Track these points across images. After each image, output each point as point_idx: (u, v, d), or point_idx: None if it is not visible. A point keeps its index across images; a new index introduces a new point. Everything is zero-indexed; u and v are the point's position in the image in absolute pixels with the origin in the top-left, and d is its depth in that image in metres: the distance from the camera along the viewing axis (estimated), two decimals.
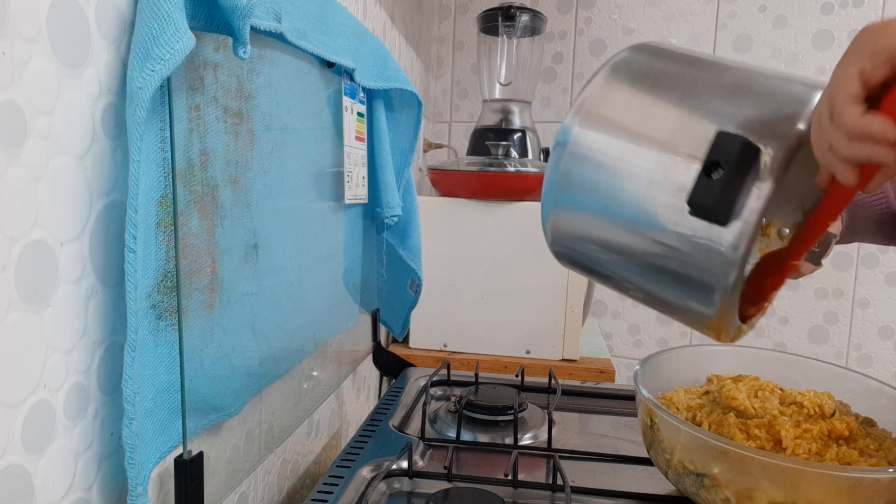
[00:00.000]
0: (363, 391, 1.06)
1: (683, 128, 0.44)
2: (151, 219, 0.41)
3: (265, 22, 0.50)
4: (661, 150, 0.44)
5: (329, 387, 0.82)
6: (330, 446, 0.89)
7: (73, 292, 0.37)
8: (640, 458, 0.64)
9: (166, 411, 0.44)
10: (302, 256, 0.68)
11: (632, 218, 0.45)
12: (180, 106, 0.44)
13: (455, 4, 1.62)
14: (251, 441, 0.60)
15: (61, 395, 0.37)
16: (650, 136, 0.45)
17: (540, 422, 0.74)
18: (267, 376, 0.62)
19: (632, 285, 0.49)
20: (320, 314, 0.75)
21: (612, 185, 0.45)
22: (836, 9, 1.43)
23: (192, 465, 0.46)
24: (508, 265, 1.09)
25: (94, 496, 0.40)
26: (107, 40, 0.38)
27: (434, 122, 1.66)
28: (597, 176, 0.46)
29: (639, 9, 1.53)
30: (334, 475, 0.59)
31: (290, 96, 0.62)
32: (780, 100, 0.43)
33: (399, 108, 0.92)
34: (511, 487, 0.58)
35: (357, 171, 0.81)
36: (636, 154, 0.45)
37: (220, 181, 0.50)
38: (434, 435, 0.71)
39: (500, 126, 1.26)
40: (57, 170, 0.35)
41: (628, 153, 0.45)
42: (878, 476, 0.46)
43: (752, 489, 0.48)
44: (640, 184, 0.44)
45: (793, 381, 0.63)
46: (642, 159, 0.44)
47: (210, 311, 0.50)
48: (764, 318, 1.53)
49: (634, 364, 1.59)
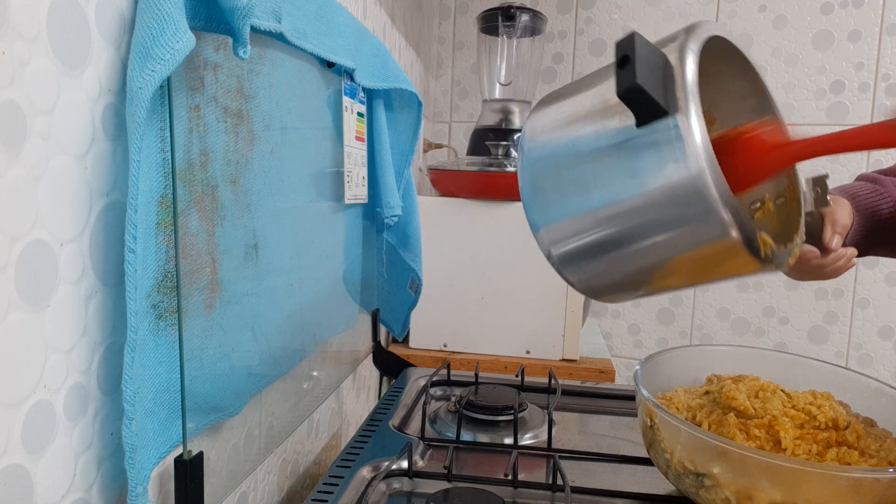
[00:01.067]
0: (363, 391, 1.06)
1: (599, 94, 0.47)
2: (151, 219, 0.41)
3: (265, 22, 0.50)
4: (593, 117, 0.46)
5: (329, 387, 0.82)
6: (330, 446, 0.89)
7: (73, 292, 0.37)
8: (640, 458, 0.64)
9: (166, 411, 0.44)
10: (302, 256, 0.68)
11: (602, 175, 0.45)
12: (180, 106, 0.44)
13: (455, 4, 1.62)
14: (251, 441, 0.60)
15: (61, 395, 0.37)
16: (580, 116, 0.48)
17: (540, 422, 0.74)
18: (267, 376, 0.62)
19: (647, 261, 0.47)
20: (320, 314, 0.75)
21: (572, 164, 0.47)
22: (836, 9, 1.43)
23: (192, 465, 0.46)
24: (508, 265, 1.09)
25: (94, 496, 0.40)
26: (107, 40, 0.38)
27: (434, 122, 1.66)
28: (559, 168, 0.48)
29: (639, 9, 1.53)
30: (334, 475, 0.59)
31: (290, 96, 0.62)
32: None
33: (399, 108, 0.92)
34: (511, 487, 0.58)
35: (357, 171, 0.81)
36: (578, 133, 0.47)
37: (220, 181, 0.50)
38: (434, 435, 0.71)
39: (500, 126, 1.26)
40: (57, 170, 0.35)
41: (573, 136, 0.48)
42: (878, 476, 0.46)
43: (752, 489, 0.48)
44: (590, 146, 0.46)
45: (793, 381, 0.63)
46: (584, 133, 0.47)
47: (210, 311, 0.50)
48: (764, 318, 1.53)
49: (634, 364, 1.60)
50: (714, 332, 1.57)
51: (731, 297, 1.54)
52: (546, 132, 0.49)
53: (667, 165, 0.41)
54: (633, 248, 0.46)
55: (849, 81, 1.44)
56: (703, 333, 1.57)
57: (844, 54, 1.43)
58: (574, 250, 0.48)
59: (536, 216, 0.49)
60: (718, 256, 0.44)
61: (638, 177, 0.43)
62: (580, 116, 0.47)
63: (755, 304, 1.53)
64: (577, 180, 0.46)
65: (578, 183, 0.46)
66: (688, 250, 0.44)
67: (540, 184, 0.49)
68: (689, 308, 1.57)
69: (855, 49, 1.43)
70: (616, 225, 0.45)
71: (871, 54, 1.42)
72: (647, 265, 0.48)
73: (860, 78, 1.43)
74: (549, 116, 0.50)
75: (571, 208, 0.47)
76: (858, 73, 1.43)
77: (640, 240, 0.45)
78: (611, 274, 0.49)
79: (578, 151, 0.46)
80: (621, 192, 0.44)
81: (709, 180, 0.40)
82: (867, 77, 1.43)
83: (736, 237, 0.41)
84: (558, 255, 0.50)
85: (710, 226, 0.42)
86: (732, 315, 1.55)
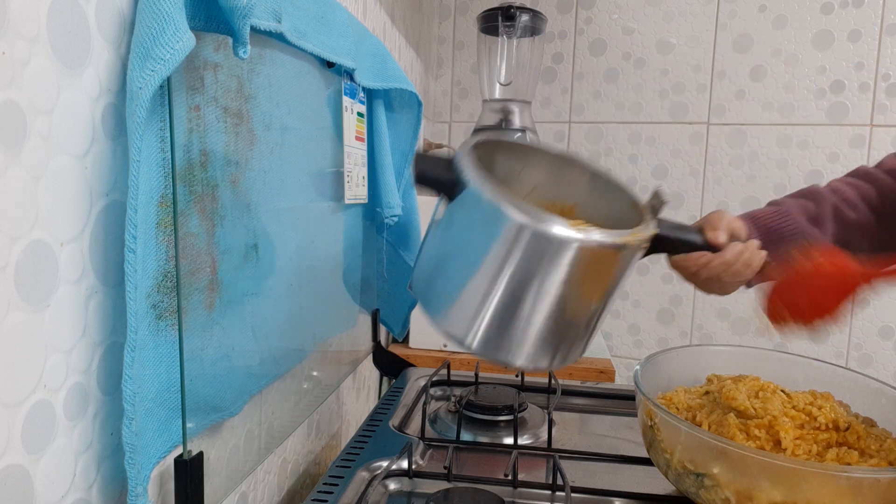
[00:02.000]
0: (363, 391, 1.06)
1: (439, 214, 0.55)
2: (151, 219, 0.41)
3: (265, 22, 0.50)
4: (437, 225, 0.54)
5: (329, 387, 0.82)
6: (330, 446, 0.89)
7: (73, 292, 0.37)
8: (640, 458, 0.64)
9: (166, 411, 0.44)
10: (302, 256, 0.68)
11: (460, 250, 0.52)
12: (180, 106, 0.44)
13: (455, 4, 1.62)
14: (251, 441, 0.60)
15: (61, 395, 0.37)
16: (440, 234, 0.55)
17: (540, 422, 0.74)
18: (267, 376, 0.62)
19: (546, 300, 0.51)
20: (320, 314, 0.75)
21: (447, 259, 0.54)
22: (836, 9, 1.43)
23: (192, 465, 0.46)
24: None
25: (94, 496, 0.40)
26: (107, 40, 0.38)
27: (434, 122, 1.66)
28: (439, 267, 0.54)
29: (639, 9, 1.53)
30: (334, 475, 0.59)
31: (290, 96, 0.62)
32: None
33: (399, 108, 0.92)
34: (511, 487, 0.58)
35: (357, 171, 0.81)
36: (444, 242, 0.55)
37: (220, 181, 0.50)
38: (434, 435, 0.71)
39: (500, 126, 1.26)
40: (57, 170, 0.35)
41: (443, 246, 0.55)
42: (878, 476, 0.46)
43: (752, 489, 0.48)
44: (444, 240, 0.54)
45: (793, 381, 0.63)
46: (443, 236, 0.54)
47: (210, 311, 0.50)
48: (764, 318, 1.53)
49: (634, 364, 1.59)
50: (714, 332, 1.57)
51: (732, 296, 1.53)
52: (425, 261, 0.56)
53: (472, 211, 0.50)
54: (516, 290, 0.50)
55: (849, 81, 1.44)
56: (703, 333, 1.57)
57: (844, 54, 1.44)
58: (487, 328, 0.52)
59: (440, 315, 0.53)
60: (550, 257, 0.48)
61: (471, 235, 0.50)
62: (440, 235, 0.54)
63: (755, 304, 1.53)
64: (453, 266, 0.52)
65: (455, 268, 0.52)
66: (531, 270, 0.49)
67: (432, 285, 0.54)
68: (689, 308, 1.57)
69: (855, 49, 1.43)
70: (497, 282, 0.50)
71: (871, 54, 1.42)
72: (551, 305, 0.51)
73: (860, 78, 1.43)
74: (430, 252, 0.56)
75: (458, 287, 0.52)
76: (858, 73, 1.43)
77: (520, 282, 0.49)
78: (530, 332, 0.52)
79: (445, 250, 0.53)
80: (474, 254, 0.50)
81: (485, 189, 0.48)
82: (867, 77, 1.43)
83: (524, 220, 0.47)
84: (478, 343, 0.52)
85: (508, 223, 0.48)
86: (732, 315, 1.55)
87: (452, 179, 0.50)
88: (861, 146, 1.44)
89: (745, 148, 1.50)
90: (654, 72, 1.53)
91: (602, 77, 1.56)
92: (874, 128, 1.43)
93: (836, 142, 1.45)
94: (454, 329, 0.52)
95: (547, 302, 0.50)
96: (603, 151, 1.57)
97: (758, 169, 1.50)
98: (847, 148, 1.45)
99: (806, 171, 1.47)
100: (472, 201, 0.49)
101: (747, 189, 1.50)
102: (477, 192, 0.49)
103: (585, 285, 0.50)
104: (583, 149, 1.58)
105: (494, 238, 0.48)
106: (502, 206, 0.48)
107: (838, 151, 1.45)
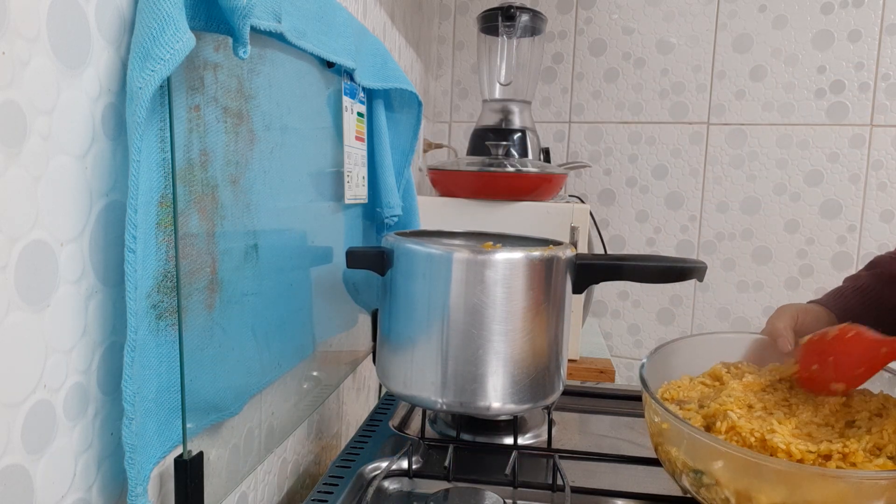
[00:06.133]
0: (363, 391, 1.06)
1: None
2: (151, 219, 0.41)
3: (265, 22, 0.50)
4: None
5: (329, 387, 0.82)
6: (330, 446, 0.89)
7: (73, 292, 0.37)
8: (640, 457, 0.64)
9: (166, 411, 0.44)
10: (302, 256, 0.68)
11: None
12: (180, 106, 0.44)
13: (455, 4, 1.62)
14: (251, 441, 0.60)
15: (61, 395, 0.37)
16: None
17: (540, 422, 0.74)
18: (267, 376, 0.62)
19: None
20: (320, 314, 0.75)
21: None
22: (836, 9, 1.43)
23: (192, 465, 0.46)
24: None
25: (94, 496, 0.40)
26: (107, 40, 0.38)
27: (434, 122, 1.66)
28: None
29: (639, 9, 1.53)
30: (334, 475, 0.59)
31: (290, 96, 0.62)
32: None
33: (399, 108, 0.92)
34: (511, 487, 0.58)
35: (357, 171, 0.81)
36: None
37: (220, 181, 0.50)
38: (434, 435, 0.71)
39: (500, 126, 1.26)
40: (57, 170, 0.35)
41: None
42: (879, 477, 0.46)
43: (752, 489, 0.48)
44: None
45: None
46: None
47: (210, 311, 0.50)
48: (764, 318, 1.53)
49: (634, 364, 1.60)
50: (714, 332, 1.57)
51: (732, 297, 1.55)
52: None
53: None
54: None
55: (849, 81, 1.44)
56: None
57: (844, 54, 1.44)
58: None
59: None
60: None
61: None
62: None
63: (755, 304, 1.53)
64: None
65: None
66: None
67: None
68: (689, 308, 1.57)
69: (855, 49, 1.43)
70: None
71: (871, 54, 1.42)
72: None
73: (860, 78, 1.43)
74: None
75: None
76: (858, 73, 1.43)
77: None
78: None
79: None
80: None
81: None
82: (867, 77, 1.43)
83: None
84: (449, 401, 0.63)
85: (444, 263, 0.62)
86: (732, 315, 1.55)
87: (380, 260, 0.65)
88: (861, 146, 1.44)
89: (745, 148, 1.50)
90: (654, 72, 1.53)
91: (602, 77, 1.56)
92: (874, 128, 1.44)
93: (836, 142, 1.45)
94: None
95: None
96: (603, 151, 1.57)
97: (758, 169, 1.50)
98: (847, 148, 1.45)
99: (806, 171, 1.47)
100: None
101: (747, 189, 1.51)
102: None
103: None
104: (583, 149, 1.58)
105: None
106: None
107: (838, 151, 1.46)
